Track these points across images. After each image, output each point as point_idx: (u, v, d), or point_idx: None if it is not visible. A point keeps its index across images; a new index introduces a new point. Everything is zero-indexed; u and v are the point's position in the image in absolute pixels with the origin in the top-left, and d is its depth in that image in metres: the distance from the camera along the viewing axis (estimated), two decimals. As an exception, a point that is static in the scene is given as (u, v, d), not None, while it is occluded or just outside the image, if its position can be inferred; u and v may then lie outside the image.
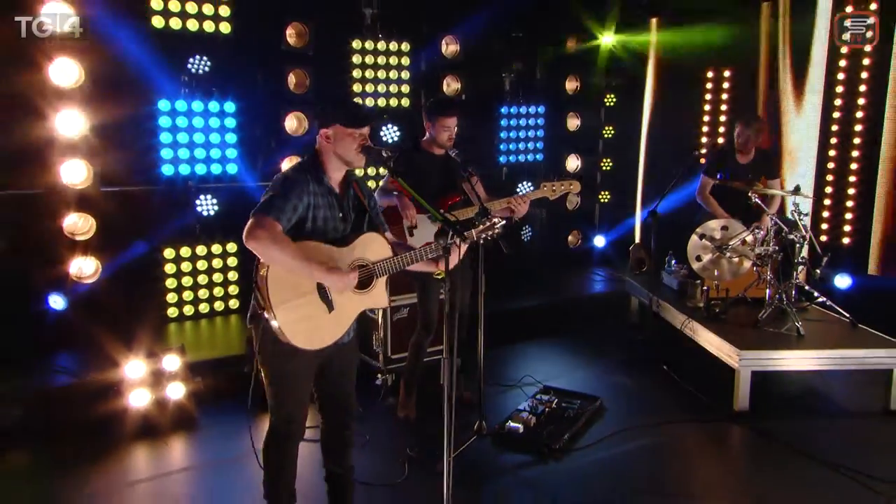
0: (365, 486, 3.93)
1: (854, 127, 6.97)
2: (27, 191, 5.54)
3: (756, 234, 5.76)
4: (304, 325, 3.05)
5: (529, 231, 8.27)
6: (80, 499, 4.06)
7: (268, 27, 6.51)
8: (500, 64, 7.97)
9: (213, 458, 4.56)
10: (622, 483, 4.27)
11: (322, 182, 3.14)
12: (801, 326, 5.25)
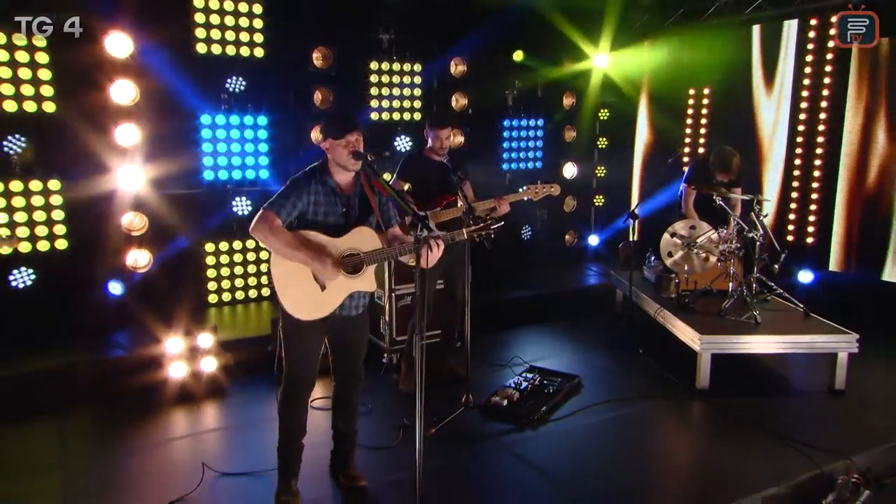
0: (364, 448, 4.06)
1: (817, 139, 6.92)
2: (92, 194, 5.63)
3: (720, 233, 5.75)
4: (302, 301, 3.30)
5: (529, 230, 8.25)
6: (131, 451, 4.23)
7: (296, 51, 6.60)
8: (503, 82, 7.94)
9: (240, 421, 4.68)
10: (589, 449, 4.34)
11: (326, 183, 3.34)
12: (759, 315, 5.28)
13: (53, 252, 5.65)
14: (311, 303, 3.31)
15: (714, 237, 5.72)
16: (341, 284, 3.31)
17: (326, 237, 3.31)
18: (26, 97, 5.45)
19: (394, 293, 5.51)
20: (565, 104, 8.39)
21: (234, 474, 3.81)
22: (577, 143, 8.57)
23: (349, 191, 3.44)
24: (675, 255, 5.90)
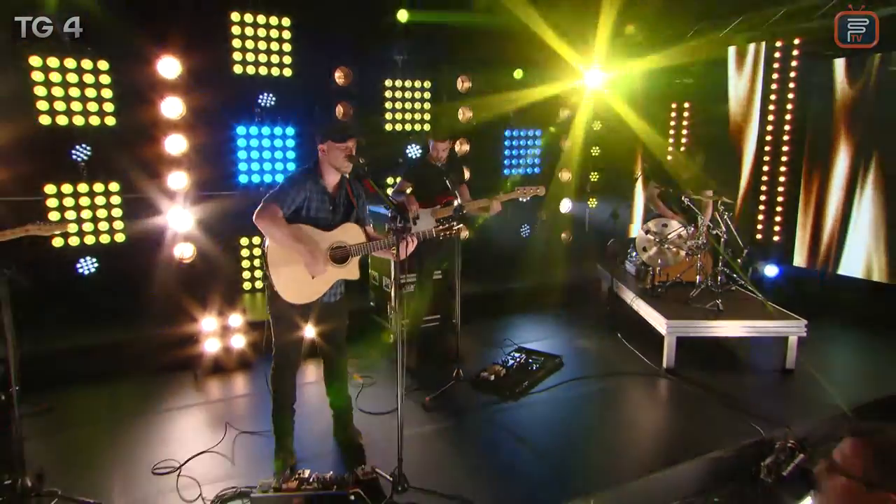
0: (366, 414, 4.24)
1: (782, 147, 6.88)
2: (145, 195, 5.78)
3: (688, 230, 5.78)
4: (292, 285, 3.43)
5: (528, 229, 8.23)
6: (170, 410, 4.43)
7: (320, 70, 6.63)
8: (504, 96, 7.81)
9: (262, 389, 4.62)
10: (563, 417, 4.46)
11: (318, 183, 3.47)
12: (721, 303, 5.32)
13: (113, 244, 5.79)
14: (301, 288, 3.46)
15: (683, 234, 5.74)
16: (329, 273, 3.49)
17: (318, 231, 3.44)
18: (92, 113, 5.57)
19: (394, 284, 5.42)
20: (561, 117, 8.29)
21: (251, 432, 4.00)
22: (572, 151, 8.40)
23: (335, 192, 3.56)
24: (649, 251, 5.94)
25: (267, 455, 3.65)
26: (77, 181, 5.57)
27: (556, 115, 8.30)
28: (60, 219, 5.47)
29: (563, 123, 8.28)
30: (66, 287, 5.58)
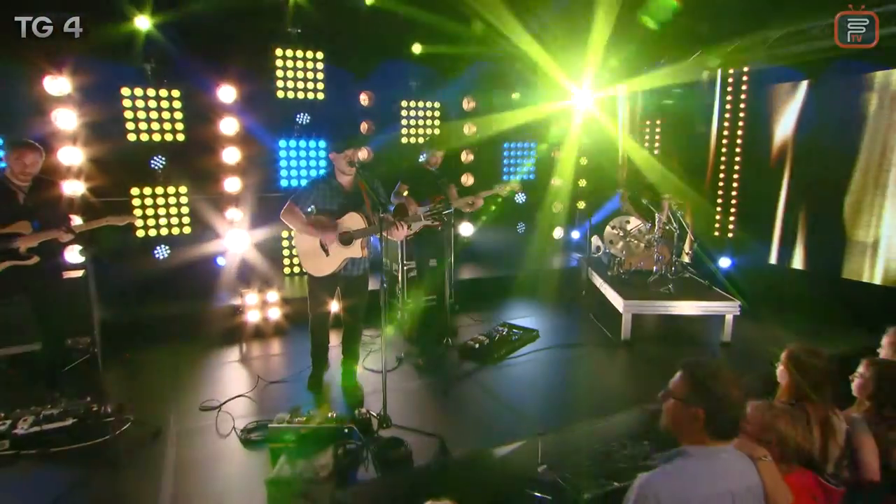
0: (370, 371, 4.50)
1: (735, 158, 6.83)
2: (210, 196, 6.04)
3: (647, 226, 5.84)
4: (313, 262, 3.85)
5: (523, 226, 8.24)
6: (220, 365, 4.74)
7: (347, 94, 6.73)
8: (503, 115, 7.69)
9: (291, 350, 5.06)
10: (532, 379, 4.60)
11: (331, 183, 3.89)
12: (672, 287, 5.39)
13: (181, 235, 6.04)
14: (319, 265, 3.86)
15: (643, 229, 5.83)
16: (338, 252, 3.85)
17: (329, 219, 3.82)
18: (166, 131, 5.82)
19: (402, 266, 5.67)
20: (553, 132, 8.20)
21: (277, 382, 4.35)
22: (562, 161, 8.29)
23: (349, 188, 3.91)
24: (616, 243, 6.03)
25: (286, 399, 3.98)
26: (155, 185, 5.86)
27: (549, 131, 8.15)
28: (142, 215, 5.80)
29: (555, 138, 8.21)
30: (145, 268, 5.85)
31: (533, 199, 8.20)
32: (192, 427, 3.67)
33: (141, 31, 5.50)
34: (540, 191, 8.22)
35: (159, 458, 3.33)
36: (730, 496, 1.81)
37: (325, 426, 3.33)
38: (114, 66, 5.49)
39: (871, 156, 5.63)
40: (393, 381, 4.34)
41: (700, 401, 1.86)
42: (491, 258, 7.50)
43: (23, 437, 3.29)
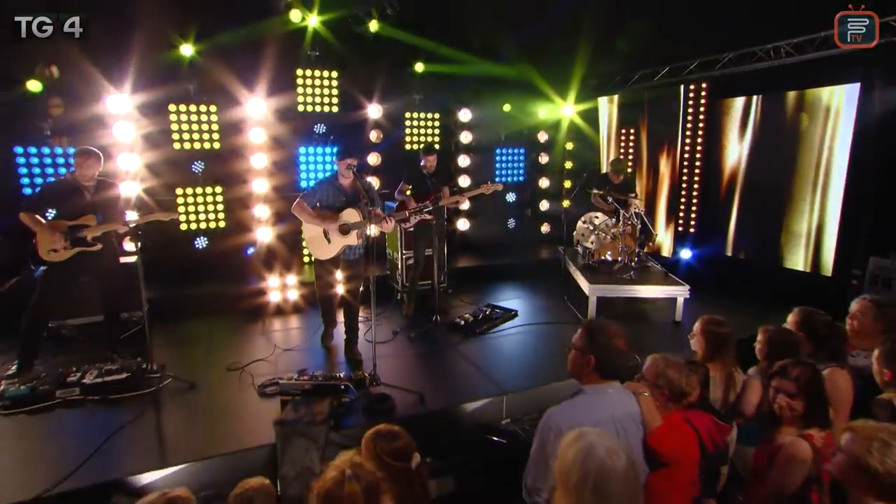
0: (369, 342, 4.57)
1: (696, 162, 6.95)
2: (241, 195, 6.29)
3: (612, 221, 6.01)
4: (318, 247, 4.28)
5: (515, 222, 8.37)
6: (247, 336, 5.06)
7: (358, 106, 6.95)
8: (497, 124, 7.95)
9: (305, 325, 5.37)
10: (506, 349, 4.80)
11: (334, 184, 4.28)
12: (634, 274, 5.61)
13: (217, 228, 6.38)
14: (322, 249, 4.29)
15: (609, 224, 6.04)
16: (338, 240, 4.26)
17: (331, 213, 4.23)
18: (205, 140, 6.17)
19: (402, 255, 5.92)
20: (540, 139, 8.36)
21: (290, 349, 4.74)
22: (550, 165, 8.51)
23: (348, 188, 4.30)
24: (587, 237, 6.21)
25: (296, 363, 4.38)
26: (196, 186, 6.20)
27: (537, 138, 8.31)
28: (184, 211, 6.19)
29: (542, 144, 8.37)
30: (187, 256, 6.23)
31: (522, 199, 8.41)
32: (220, 382, 4.11)
33: (185, 56, 5.92)
34: (529, 191, 8.42)
35: (193, 404, 3.78)
36: (613, 420, 2.17)
37: (325, 383, 3.69)
38: (163, 86, 5.83)
39: (806, 162, 5.82)
40: (388, 350, 4.73)
41: (592, 350, 2.22)
42: (484, 250, 7.77)
43: (89, 386, 3.80)
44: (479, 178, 7.48)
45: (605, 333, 2.22)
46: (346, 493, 1.58)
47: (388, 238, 6.37)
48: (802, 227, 5.89)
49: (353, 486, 1.59)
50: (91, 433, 3.35)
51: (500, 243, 7.99)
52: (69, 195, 4.17)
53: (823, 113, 5.57)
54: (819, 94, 5.60)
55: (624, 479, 1.55)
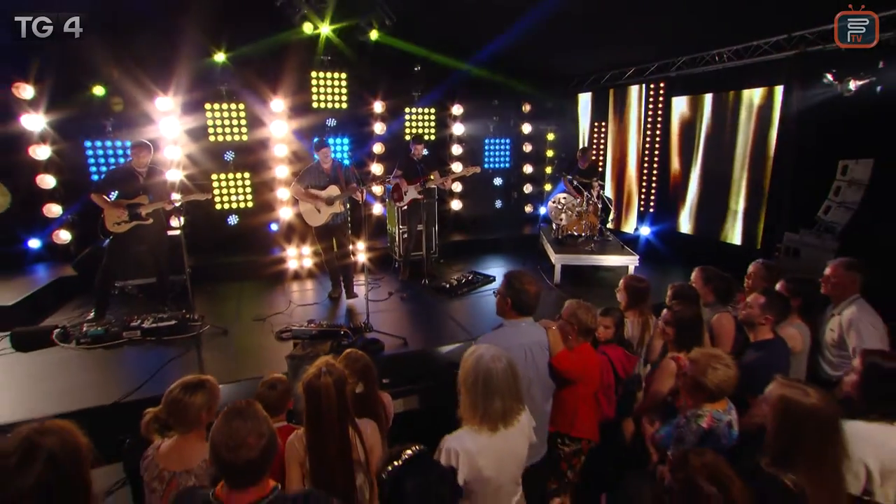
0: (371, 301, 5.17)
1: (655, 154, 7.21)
2: (265, 179, 6.75)
3: (577, 201, 6.35)
4: (311, 217, 4.84)
5: (501, 203, 8.73)
6: (270, 295, 5.55)
7: (364, 102, 7.29)
8: (486, 117, 8.25)
9: (319, 287, 5.87)
10: (481, 306, 5.22)
11: (319, 168, 4.83)
12: (594, 246, 6.00)
13: (246, 208, 6.85)
14: (315, 218, 4.87)
15: (574, 203, 6.42)
16: (326, 210, 4.85)
17: (319, 190, 4.82)
18: (234, 133, 6.59)
19: (399, 229, 6.33)
20: (524, 130, 8.62)
21: (303, 305, 5.30)
22: (533, 153, 8.77)
23: (329, 171, 4.89)
24: (558, 216, 6.58)
25: (307, 315, 4.91)
26: (228, 172, 6.67)
27: (521, 129, 8.51)
28: (218, 193, 6.66)
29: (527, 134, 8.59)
30: (220, 231, 6.72)
31: (508, 182, 8.76)
32: (247, 329, 4.72)
33: (218, 63, 6.38)
34: (514, 176, 8.77)
35: (225, 345, 4.41)
36: (523, 346, 2.63)
37: (328, 330, 4.19)
38: (200, 88, 6.29)
39: (742, 151, 6.15)
40: (383, 306, 5.27)
41: (509, 293, 2.69)
42: (473, 226, 8.17)
43: (147, 329, 4.47)
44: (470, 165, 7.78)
45: (519, 280, 2.67)
46: (321, 383, 2.13)
47: (388, 215, 6.86)
48: (740, 207, 6.26)
49: (327, 378, 2.14)
50: (148, 363, 3.99)
51: (487, 221, 8.36)
52: (127, 179, 4.78)
53: (756, 110, 5.89)
54: (752, 94, 5.91)
55: (503, 376, 2.05)
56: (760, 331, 2.93)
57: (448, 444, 1.96)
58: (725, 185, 6.38)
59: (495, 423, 1.98)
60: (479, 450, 1.95)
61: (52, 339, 4.32)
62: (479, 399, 1.98)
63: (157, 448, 2.12)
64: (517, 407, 2.07)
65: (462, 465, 1.92)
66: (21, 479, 1.16)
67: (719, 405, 2.27)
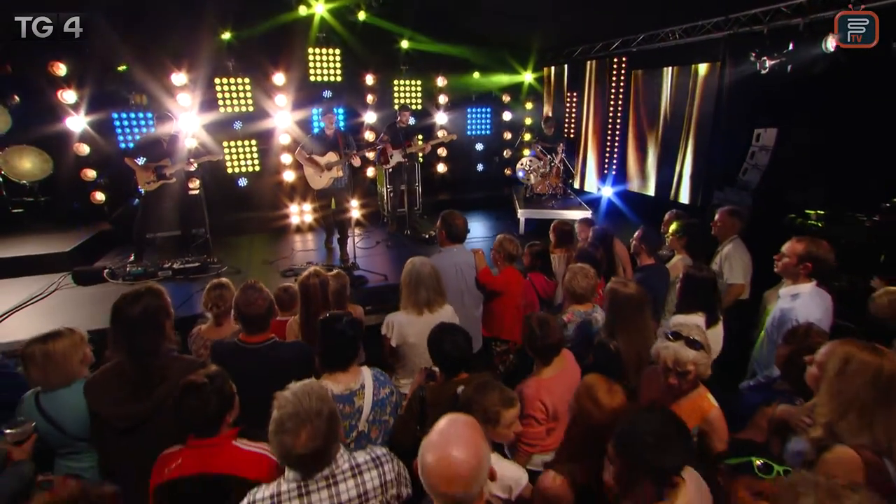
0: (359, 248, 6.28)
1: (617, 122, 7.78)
2: (270, 146, 7.51)
3: (541, 163, 7.05)
4: (314, 181, 5.53)
5: (483, 166, 9.39)
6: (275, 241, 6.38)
7: (357, 75, 7.90)
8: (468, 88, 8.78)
9: (316, 237, 6.65)
10: None
11: (322, 134, 5.48)
12: (555, 203, 6.73)
13: (253, 171, 7.60)
14: (318, 182, 5.61)
15: (538, 165, 7.15)
16: (326, 175, 5.62)
17: (320, 157, 5.55)
18: (241, 104, 7.24)
19: (387, 189, 7.07)
20: (504, 100, 9.20)
21: (306, 250, 6.19)
22: (512, 122, 9.34)
23: (331, 137, 5.56)
24: (527, 178, 7.32)
25: (307, 259, 5.83)
26: (237, 139, 7.39)
27: (502, 99, 9.16)
28: (229, 158, 7.43)
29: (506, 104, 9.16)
30: (232, 191, 7.49)
31: (489, 148, 9.46)
32: (258, 270, 5.65)
33: (224, 41, 7.07)
34: (495, 142, 9.44)
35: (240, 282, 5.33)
36: (455, 265, 3.51)
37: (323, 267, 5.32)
38: (211, 64, 6.89)
39: (687, 118, 6.87)
40: (370, 252, 6.14)
41: (443, 227, 3.59)
42: (457, 187, 8.94)
43: (176, 269, 5.47)
44: (454, 132, 8.38)
45: (451, 216, 3.54)
46: (310, 282, 3.10)
47: (378, 177, 7.69)
48: (686, 170, 7.04)
49: (314, 279, 3.12)
50: (179, 295, 4.90)
51: (470, 183, 9.13)
52: (154, 146, 5.69)
53: (701, 82, 6.57)
54: (699, 68, 6.59)
55: (428, 275, 2.98)
56: (642, 258, 3.85)
57: (388, 318, 2.94)
58: (675, 151, 7.13)
59: (421, 308, 2.94)
60: (408, 323, 2.92)
61: (103, 276, 5.36)
62: (411, 290, 2.94)
63: (200, 329, 3.13)
64: (439, 300, 3.02)
65: (395, 333, 2.90)
66: (132, 308, 2.15)
67: (583, 306, 3.20)
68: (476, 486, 1.28)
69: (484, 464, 1.30)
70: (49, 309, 4.75)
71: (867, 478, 1.56)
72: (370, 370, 2.32)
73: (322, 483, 1.51)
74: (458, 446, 1.27)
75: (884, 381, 1.58)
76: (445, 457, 1.25)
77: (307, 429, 1.43)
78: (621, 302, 2.75)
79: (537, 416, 2.36)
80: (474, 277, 3.63)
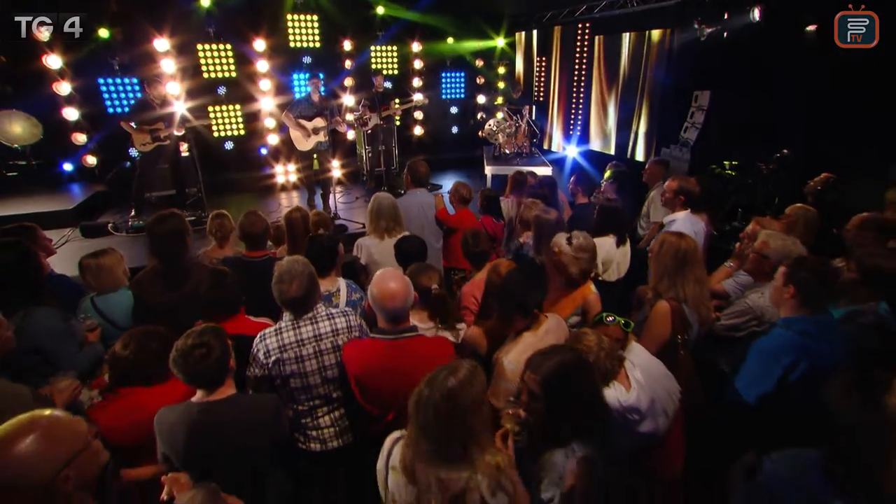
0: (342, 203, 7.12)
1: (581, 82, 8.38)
2: (253, 110, 8.11)
3: (507, 123, 7.69)
4: (300, 143, 6.06)
5: (457, 128, 10.02)
6: (263, 199, 7.06)
7: (334, 42, 8.31)
8: (443, 53, 9.20)
9: (301, 194, 7.38)
10: None
11: (309, 100, 5.98)
12: (520, 161, 7.43)
13: (239, 135, 8.06)
14: (303, 144, 6.23)
15: (505, 126, 7.86)
16: (312, 138, 6.26)
17: (307, 121, 6.19)
18: (223, 70, 7.66)
19: (365, 150, 7.70)
20: (477, 64, 9.70)
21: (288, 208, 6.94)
22: (486, 85, 9.87)
23: (318, 102, 6.11)
24: (495, 135, 8.01)
25: None
26: (222, 104, 7.84)
27: (475, 63, 9.63)
28: (216, 123, 7.93)
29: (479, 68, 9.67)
30: (219, 154, 7.97)
31: (464, 111, 10.04)
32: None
33: (204, 7, 7.44)
34: (469, 105, 10.02)
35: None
36: (420, 205, 4.25)
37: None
38: (192, 31, 7.23)
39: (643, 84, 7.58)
40: (350, 206, 6.82)
41: (409, 173, 4.37)
42: (433, 148, 9.53)
43: (174, 222, 6.21)
44: (428, 95, 8.98)
45: (415, 164, 4.28)
46: (293, 216, 3.86)
47: (357, 138, 8.32)
48: (641, 129, 7.81)
49: (297, 213, 3.87)
50: None
51: (445, 143, 9.74)
52: (146, 110, 6.24)
53: (655, 48, 7.26)
54: (654, 34, 7.27)
55: (387, 206, 3.68)
56: (577, 198, 4.69)
57: (358, 241, 3.75)
58: (632, 112, 7.88)
59: (382, 234, 3.72)
60: (372, 245, 3.72)
61: (108, 229, 6.07)
62: (374, 218, 3.74)
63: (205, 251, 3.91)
64: (398, 228, 3.78)
65: (364, 253, 3.71)
66: (162, 226, 2.91)
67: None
68: (406, 304, 2.13)
69: (409, 290, 2.14)
70: (65, 256, 5.48)
71: (673, 317, 2.43)
72: (345, 280, 3.12)
73: (308, 321, 2.32)
74: (392, 280, 2.12)
75: (681, 256, 2.45)
76: (386, 286, 2.10)
77: (297, 281, 2.24)
78: (542, 224, 3.58)
79: (471, 308, 3.21)
80: (434, 215, 4.42)
